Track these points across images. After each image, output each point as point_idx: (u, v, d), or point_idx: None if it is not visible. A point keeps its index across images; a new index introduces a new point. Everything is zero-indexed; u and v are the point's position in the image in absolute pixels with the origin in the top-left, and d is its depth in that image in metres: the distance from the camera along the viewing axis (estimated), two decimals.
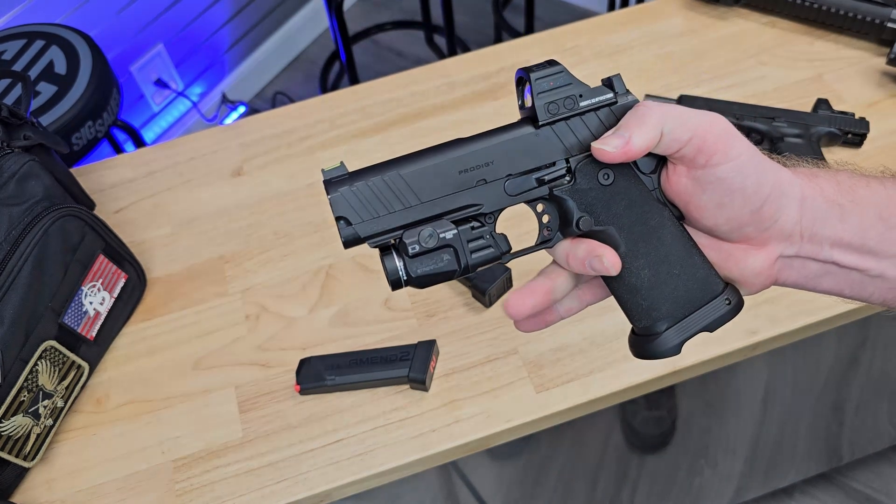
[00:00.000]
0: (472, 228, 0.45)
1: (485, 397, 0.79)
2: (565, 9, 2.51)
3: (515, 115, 0.48)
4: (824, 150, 0.94)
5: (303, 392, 0.80)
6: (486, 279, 0.83)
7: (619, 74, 0.45)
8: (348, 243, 0.44)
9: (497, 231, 0.46)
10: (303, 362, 0.81)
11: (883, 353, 1.15)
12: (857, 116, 0.94)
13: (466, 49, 2.18)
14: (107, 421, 0.82)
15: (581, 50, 1.09)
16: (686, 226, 0.46)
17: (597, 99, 0.45)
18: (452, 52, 2.07)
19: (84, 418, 0.82)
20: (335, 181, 0.44)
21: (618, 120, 0.44)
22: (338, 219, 0.44)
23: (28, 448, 0.77)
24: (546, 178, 0.45)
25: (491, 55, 1.11)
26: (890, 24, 1.01)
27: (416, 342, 0.81)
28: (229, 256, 0.94)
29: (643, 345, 0.46)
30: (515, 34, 2.09)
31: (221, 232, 0.96)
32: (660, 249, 0.45)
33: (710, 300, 0.45)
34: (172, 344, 0.87)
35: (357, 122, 1.05)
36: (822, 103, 0.95)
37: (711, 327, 0.45)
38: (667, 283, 0.45)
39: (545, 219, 0.47)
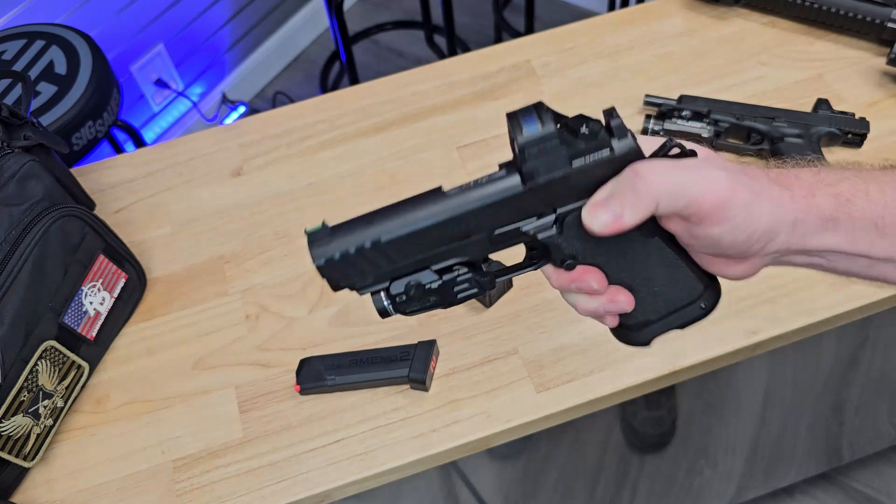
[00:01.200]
0: (458, 276, 0.45)
1: (485, 397, 0.79)
2: (565, 9, 2.51)
3: None
4: (824, 150, 0.94)
5: (303, 392, 0.80)
6: None
7: (620, 121, 0.42)
8: (338, 289, 0.45)
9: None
10: (303, 362, 0.81)
11: (883, 353, 1.15)
12: (857, 116, 0.94)
13: (466, 49, 2.18)
14: (107, 421, 0.82)
15: (581, 50, 1.09)
16: None
17: (591, 160, 0.41)
18: (453, 52, 2.07)
19: (84, 418, 0.82)
20: (318, 243, 0.44)
21: (613, 170, 0.42)
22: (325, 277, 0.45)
23: (28, 448, 0.76)
24: (532, 231, 0.44)
25: (491, 55, 1.11)
26: (890, 24, 1.01)
27: (416, 342, 0.81)
28: (229, 256, 0.94)
29: (621, 333, 0.49)
30: (516, 34, 2.09)
31: (221, 232, 0.96)
32: (643, 274, 0.45)
33: (688, 304, 0.46)
34: (172, 344, 0.87)
35: (357, 122, 1.05)
36: (822, 103, 0.95)
37: (683, 327, 0.47)
38: (647, 300, 0.46)
39: (531, 252, 0.48)
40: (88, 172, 1.03)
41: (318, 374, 0.80)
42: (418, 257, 0.44)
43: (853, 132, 0.93)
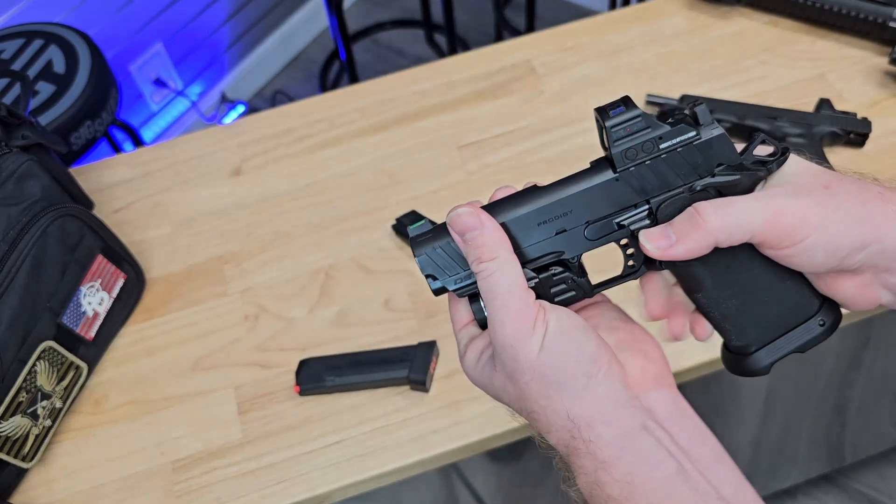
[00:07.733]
0: (554, 275, 0.45)
1: (485, 398, 0.79)
2: (566, 7, 2.50)
3: (515, 116, 0.48)
4: (826, 151, 0.94)
5: (302, 393, 0.80)
6: None
7: (703, 105, 0.43)
8: (438, 292, 0.46)
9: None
10: (302, 363, 0.81)
11: (885, 354, 1.15)
12: (859, 116, 0.93)
13: (467, 48, 2.18)
14: (105, 421, 0.82)
15: (582, 49, 1.09)
16: None
17: (678, 139, 0.43)
18: (453, 51, 2.07)
19: (83, 419, 0.82)
20: (420, 240, 0.45)
21: (701, 158, 0.43)
22: (426, 276, 0.46)
23: (27, 449, 0.76)
24: (626, 222, 0.44)
25: (492, 54, 1.10)
26: (892, 24, 1.00)
27: (416, 343, 0.81)
28: (228, 257, 0.93)
29: (735, 362, 0.47)
30: (516, 33, 2.09)
31: (220, 232, 0.96)
32: (747, 279, 0.44)
33: (803, 322, 0.45)
34: (171, 344, 0.87)
35: (357, 122, 1.04)
36: (824, 103, 0.95)
37: (803, 349, 0.46)
38: (754, 310, 0.45)
39: (629, 251, 0.47)
40: (87, 172, 1.03)
41: (317, 375, 0.80)
42: (515, 250, 0.44)
43: (855, 132, 0.92)
